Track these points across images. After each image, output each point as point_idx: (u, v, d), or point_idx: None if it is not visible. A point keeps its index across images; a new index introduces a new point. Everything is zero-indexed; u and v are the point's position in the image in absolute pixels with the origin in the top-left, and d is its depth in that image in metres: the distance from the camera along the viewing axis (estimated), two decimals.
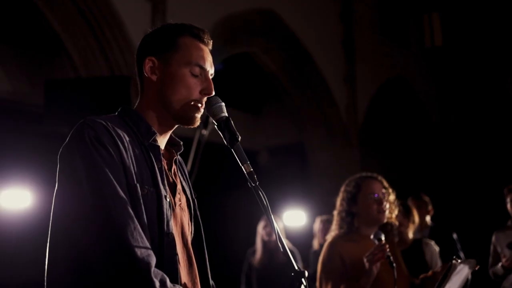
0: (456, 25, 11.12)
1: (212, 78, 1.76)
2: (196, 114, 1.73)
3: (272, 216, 1.57)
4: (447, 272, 2.30)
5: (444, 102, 11.92)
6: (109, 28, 6.21)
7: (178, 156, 1.85)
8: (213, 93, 1.73)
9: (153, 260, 1.49)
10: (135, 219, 1.51)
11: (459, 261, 2.37)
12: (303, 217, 7.91)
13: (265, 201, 1.58)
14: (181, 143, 1.84)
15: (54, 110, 4.91)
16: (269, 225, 5.60)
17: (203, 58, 1.74)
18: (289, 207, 7.84)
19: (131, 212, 1.52)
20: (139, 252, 1.46)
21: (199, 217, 1.86)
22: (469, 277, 4.51)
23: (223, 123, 1.68)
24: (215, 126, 1.70)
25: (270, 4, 8.25)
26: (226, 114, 1.70)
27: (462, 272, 2.46)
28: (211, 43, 1.79)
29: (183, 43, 1.73)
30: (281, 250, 1.56)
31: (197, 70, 1.72)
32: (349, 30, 9.93)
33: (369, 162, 9.60)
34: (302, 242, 6.57)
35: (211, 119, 1.72)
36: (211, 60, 1.77)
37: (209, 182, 6.36)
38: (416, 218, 3.98)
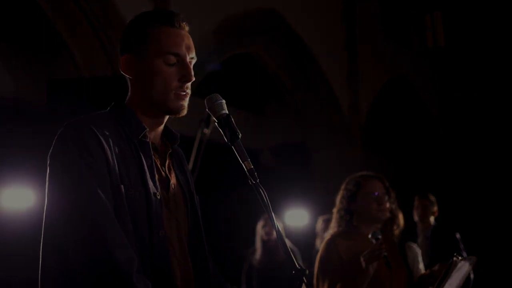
0: (459, 25, 11.09)
1: (196, 63, 1.69)
2: (182, 103, 1.68)
3: (272, 213, 1.57)
4: (448, 269, 2.30)
5: (447, 102, 11.90)
6: (112, 28, 6.22)
7: (178, 149, 1.83)
8: (193, 78, 1.68)
9: (135, 265, 1.47)
10: (116, 222, 1.50)
11: (459, 258, 2.37)
12: (305, 217, 7.91)
13: (266, 198, 1.57)
14: (178, 135, 1.80)
15: (57, 109, 4.92)
16: (268, 224, 5.60)
17: (176, 44, 1.66)
18: (291, 207, 7.84)
19: (112, 215, 1.50)
20: (121, 256, 1.45)
21: (199, 212, 1.82)
22: (472, 276, 4.49)
23: (224, 120, 1.65)
24: (216, 124, 1.67)
25: (273, 3, 8.24)
26: (227, 112, 1.67)
27: (463, 269, 2.46)
28: (186, 24, 1.71)
29: (152, 33, 1.67)
30: (282, 248, 1.56)
31: (171, 58, 1.66)
32: (351, 29, 9.92)
33: (371, 161, 9.58)
34: (304, 241, 6.57)
35: (212, 118, 1.69)
36: (189, 43, 1.69)
37: (210, 181, 6.36)
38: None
